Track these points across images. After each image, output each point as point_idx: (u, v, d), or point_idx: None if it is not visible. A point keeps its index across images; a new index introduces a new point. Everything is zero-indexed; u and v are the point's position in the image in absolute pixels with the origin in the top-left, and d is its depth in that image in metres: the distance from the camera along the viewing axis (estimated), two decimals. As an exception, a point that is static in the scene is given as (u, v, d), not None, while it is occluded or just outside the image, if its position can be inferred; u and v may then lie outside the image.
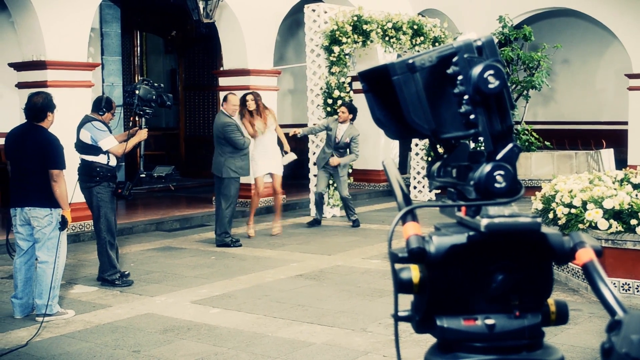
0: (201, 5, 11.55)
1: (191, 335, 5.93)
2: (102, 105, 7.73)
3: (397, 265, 1.26)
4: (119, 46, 14.32)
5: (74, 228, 10.08)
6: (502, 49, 15.60)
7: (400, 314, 1.30)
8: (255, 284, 7.61)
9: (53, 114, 6.75)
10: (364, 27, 12.25)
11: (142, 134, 7.73)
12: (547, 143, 16.08)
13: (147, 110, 7.84)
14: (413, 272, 1.23)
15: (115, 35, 14.21)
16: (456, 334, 1.24)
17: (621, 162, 15.61)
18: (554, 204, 7.51)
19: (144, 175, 8.10)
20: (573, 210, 7.16)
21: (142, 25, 16.66)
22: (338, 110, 11.22)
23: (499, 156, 1.30)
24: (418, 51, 13.09)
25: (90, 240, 10.10)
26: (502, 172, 1.28)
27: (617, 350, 0.95)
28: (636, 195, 7.08)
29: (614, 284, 6.86)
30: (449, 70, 1.32)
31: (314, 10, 12.36)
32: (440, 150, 1.50)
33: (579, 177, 8.34)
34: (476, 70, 1.26)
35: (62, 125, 10.20)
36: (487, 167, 1.28)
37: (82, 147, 7.62)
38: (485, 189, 1.28)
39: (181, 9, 12.98)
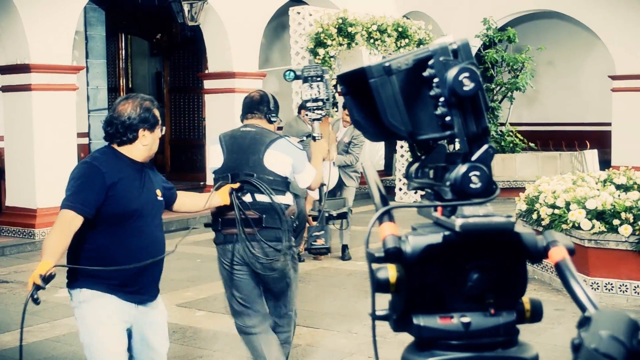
0: (186, 8, 11.56)
1: (176, 338, 5.93)
2: (271, 106, 4.62)
3: (375, 265, 1.28)
4: (103, 49, 14.28)
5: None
6: (487, 51, 15.69)
7: (378, 313, 1.32)
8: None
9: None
10: (349, 29, 12.28)
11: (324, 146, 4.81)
12: (532, 144, 16.18)
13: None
14: (390, 272, 1.25)
15: (100, 38, 14.17)
16: (433, 332, 1.26)
17: (605, 162, 15.71)
18: (537, 205, 7.56)
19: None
20: (556, 211, 7.22)
21: (127, 28, 16.62)
22: (342, 114, 9.80)
23: (474, 157, 1.32)
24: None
25: (76, 243, 10.10)
26: (477, 173, 1.31)
27: (586, 346, 0.97)
28: (618, 195, 7.14)
29: (597, 283, 6.92)
30: (425, 73, 1.34)
31: (298, 13, 12.37)
32: (418, 151, 1.52)
33: (562, 178, 8.40)
34: (451, 72, 1.28)
35: (45, 130, 10.22)
36: (462, 168, 1.30)
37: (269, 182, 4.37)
38: (460, 189, 1.30)
39: (166, 12, 12.98)
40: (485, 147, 1.34)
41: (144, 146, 3.62)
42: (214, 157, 4.51)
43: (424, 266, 1.24)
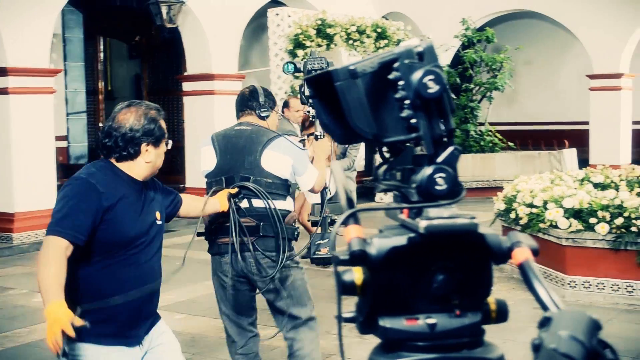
0: (164, 10, 11.52)
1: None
2: (261, 100, 4.27)
3: (341, 268, 1.29)
4: (81, 52, 14.24)
5: (36, 236, 9.99)
6: (466, 51, 15.74)
7: (345, 315, 1.33)
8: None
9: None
10: (328, 30, 12.30)
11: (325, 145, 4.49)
12: (511, 144, 16.25)
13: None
14: (355, 274, 1.26)
15: (78, 40, 14.13)
16: (398, 334, 1.26)
17: (583, 161, 15.81)
18: (515, 204, 7.60)
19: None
20: (534, 210, 7.26)
21: (105, 31, 16.56)
22: None
23: (439, 159, 1.33)
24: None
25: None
26: (442, 175, 1.31)
27: (545, 346, 0.98)
28: (595, 194, 7.19)
29: (575, 281, 6.97)
30: (391, 76, 1.34)
31: (277, 14, 12.38)
32: (387, 154, 1.53)
33: (540, 177, 8.46)
34: (416, 75, 1.29)
35: (22, 134, 10.15)
36: (428, 170, 1.31)
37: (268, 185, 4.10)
38: (426, 191, 1.31)
39: (145, 14, 12.93)
40: (450, 149, 1.35)
41: (146, 163, 3.12)
42: (206, 159, 4.16)
43: (389, 268, 1.25)
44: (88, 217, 2.94)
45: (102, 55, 16.51)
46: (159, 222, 3.24)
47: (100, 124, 15.76)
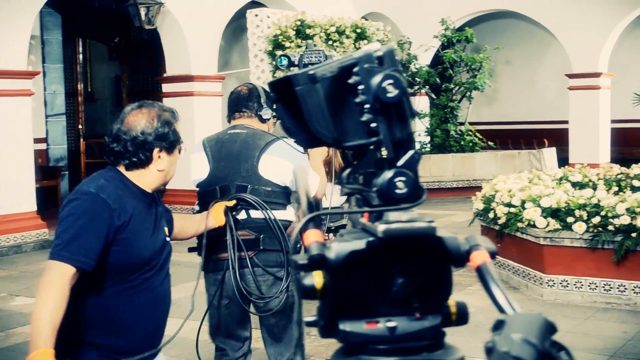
0: (142, 11, 11.48)
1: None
2: (262, 100, 3.90)
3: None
4: (60, 54, 14.15)
5: (15, 239, 9.93)
6: (445, 51, 15.80)
7: (307, 319, 1.33)
8: (200, 290, 7.57)
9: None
10: (307, 31, 12.31)
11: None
12: (491, 143, 16.33)
13: None
14: (316, 279, 1.26)
15: (57, 42, 14.04)
16: (359, 337, 1.27)
17: (563, 160, 15.93)
18: (494, 204, 7.63)
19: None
20: (512, 210, 7.30)
21: (84, 32, 16.47)
22: None
23: (400, 163, 1.33)
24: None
25: (33, 250, 9.98)
26: (403, 179, 1.32)
27: (497, 349, 0.99)
28: (572, 193, 7.24)
29: (553, 280, 7.00)
30: (351, 80, 1.35)
31: (256, 15, 12.37)
32: (350, 157, 1.54)
33: (518, 176, 8.50)
34: (376, 79, 1.30)
35: (0, 137, 10.07)
36: (388, 174, 1.31)
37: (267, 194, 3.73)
38: (386, 195, 1.31)
39: (124, 15, 12.88)
40: (411, 152, 1.36)
41: (159, 172, 2.77)
42: (198, 167, 3.74)
43: (349, 272, 1.25)
44: (99, 239, 2.57)
45: (81, 57, 16.42)
46: (168, 239, 2.91)
47: (80, 126, 15.68)
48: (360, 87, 1.33)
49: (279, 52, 12.05)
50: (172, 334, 2.92)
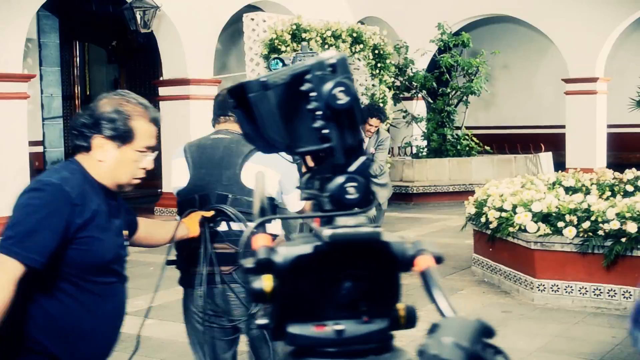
0: (138, 15, 11.51)
1: (124, 347, 5.87)
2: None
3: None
4: (57, 57, 14.19)
5: None
6: (442, 55, 15.81)
7: (259, 322, 1.35)
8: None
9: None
10: (303, 35, 12.32)
11: None
12: (487, 148, 16.34)
13: None
14: (265, 282, 1.28)
15: (54, 45, 14.08)
16: (307, 340, 1.29)
17: (560, 165, 15.94)
18: (486, 208, 7.65)
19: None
20: (503, 214, 7.32)
21: (81, 36, 16.52)
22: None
23: (351, 168, 1.35)
24: (358, 59, 13.23)
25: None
26: (354, 184, 1.34)
27: (428, 352, 1.01)
28: (563, 198, 7.25)
29: (543, 285, 7.02)
30: (303, 87, 1.37)
31: (252, 19, 12.38)
32: (310, 163, 1.55)
33: (511, 181, 8.52)
34: (327, 86, 1.32)
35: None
36: (339, 179, 1.33)
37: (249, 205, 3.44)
38: (338, 200, 1.33)
39: (121, 19, 12.91)
40: (362, 158, 1.38)
41: (99, 162, 2.51)
42: (178, 174, 3.49)
43: (296, 276, 1.27)
44: (55, 237, 2.34)
45: (78, 60, 16.47)
46: (126, 242, 2.69)
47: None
48: (312, 94, 1.35)
49: (274, 56, 12.08)
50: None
